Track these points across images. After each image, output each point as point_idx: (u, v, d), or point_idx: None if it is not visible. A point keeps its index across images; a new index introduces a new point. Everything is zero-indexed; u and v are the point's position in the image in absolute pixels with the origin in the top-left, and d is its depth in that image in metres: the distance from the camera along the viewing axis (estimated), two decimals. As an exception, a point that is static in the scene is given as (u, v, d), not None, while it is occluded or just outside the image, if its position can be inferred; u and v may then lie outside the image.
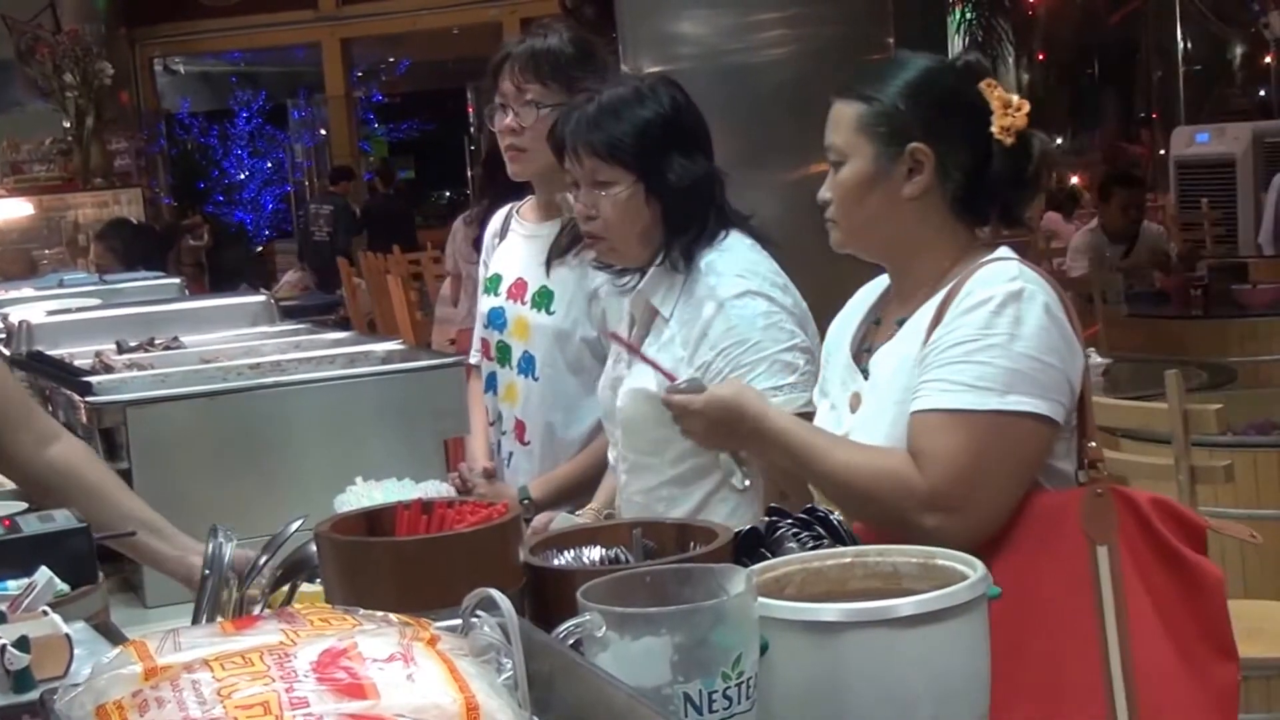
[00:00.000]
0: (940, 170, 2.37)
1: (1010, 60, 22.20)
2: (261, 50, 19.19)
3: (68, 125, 12.10)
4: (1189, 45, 19.63)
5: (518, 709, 1.25)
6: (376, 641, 1.24)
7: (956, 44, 20.05)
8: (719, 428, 2.41)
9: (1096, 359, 5.44)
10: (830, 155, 2.44)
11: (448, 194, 23.12)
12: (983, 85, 2.40)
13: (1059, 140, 21.94)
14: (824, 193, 2.45)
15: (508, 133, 3.30)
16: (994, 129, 2.37)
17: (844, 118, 2.42)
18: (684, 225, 2.89)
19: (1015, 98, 2.40)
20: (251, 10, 16.19)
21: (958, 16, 19.58)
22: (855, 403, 2.43)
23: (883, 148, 2.38)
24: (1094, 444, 2.33)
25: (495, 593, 1.34)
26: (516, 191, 3.51)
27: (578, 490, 3.22)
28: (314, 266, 14.65)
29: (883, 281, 2.57)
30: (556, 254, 3.32)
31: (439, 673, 1.22)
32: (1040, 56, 22.10)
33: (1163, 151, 16.64)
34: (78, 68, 12.00)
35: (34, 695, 1.76)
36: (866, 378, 2.43)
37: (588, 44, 3.35)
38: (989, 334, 2.26)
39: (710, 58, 5.63)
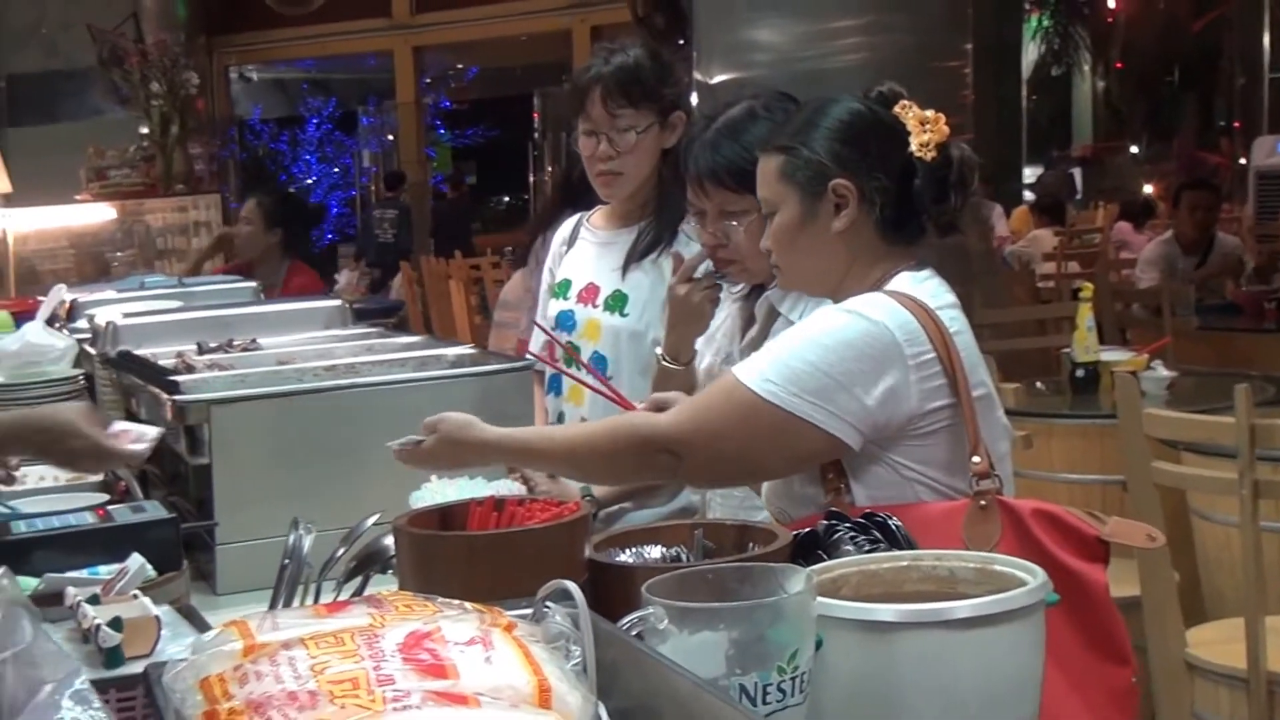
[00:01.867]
0: (865, 199, 2.48)
1: (1087, 68, 22.04)
2: (333, 58, 19.35)
3: (145, 132, 12.25)
4: (1276, 53, 19.38)
5: (585, 692, 1.33)
6: (458, 626, 1.32)
7: (1032, 51, 19.95)
8: (442, 446, 2.47)
9: (1163, 372, 5.46)
10: (765, 208, 2.56)
11: (507, 199, 23.25)
12: (897, 109, 2.52)
13: (1134, 149, 21.78)
14: (764, 242, 2.59)
15: (603, 159, 3.37)
16: (913, 147, 2.47)
17: (768, 170, 2.56)
18: None
19: (931, 113, 2.50)
20: (326, 19, 16.32)
21: (1034, 24, 19.46)
22: None
23: (806, 192, 2.50)
24: (977, 459, 2.38)
25: (569, 584, 1.43)
26: (589, 201, 3.59)
27: (645, 489, 3.27)
28: (380, 266, 14.91)
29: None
30: (634, 259, 3.40)
31: (515, 656, 1.31)
32: (1118, 65, 21.91)
33: (1243, 161, 16.51)
34: (165, 77, 12.15)
35: (124, 671, 1.87)
36: None
37: (664, 58, 3.43)
38: (789, 333, 2.44)
39: (783, 65, 5.70)
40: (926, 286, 2.49)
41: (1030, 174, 18.52)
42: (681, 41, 6.06)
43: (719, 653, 1.58)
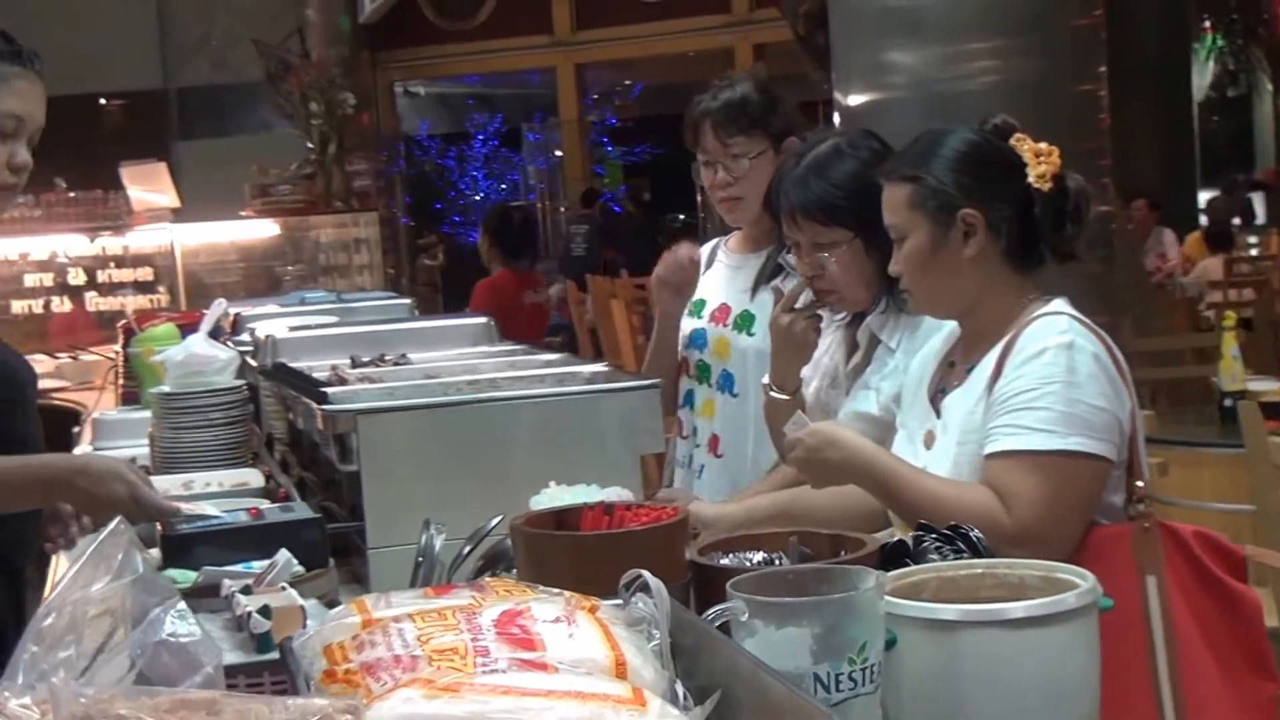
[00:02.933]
0: (991, 228, 2.62)
1: (1268, 90, 21.54)
2: (498, 74, 19.60)
3: (311, 146, 12.49)
4: None
5: (660, 669, 1.53)
6: (546, 606, 1.53)
7: (1208, 73, 19.56)
8: (816, 453, 2.65)
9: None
10: (892, 233, 2.70)
11: (681, 216, 23.37)
12: (1013, 141, 2.66)
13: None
14: (894, 266, 2.72)
15: (721, 186, 3.56)
16: (1031, 179, 2.62)
17: (896, 199, 2.69)
18: None
19: (1044, 145, 2.64)
20: (489, 36, 16.56)
21: (1207, 44, 19.09)
22: (929, 440, 2.68)
23: (936, 220, 2.64)
24: (1140, 482, 2.56)
25: (646, 574, 1.62)
26: None
27: None
28: (574, 280, 15.18)
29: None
30: (762, 280, 3.58)
31: (595, 633, 1.51)
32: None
33: None
34: (322, 97, 12.38)
35: (274, 655, 2.08)
36: (939, 417, 2.67)
37: (770, 91, 3.61)
38: (1046, 382, 2.52)
39: (919, 87, 5.79)
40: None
41: (1207, 199, 18.20)
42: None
43: (803, 647, 1.74)
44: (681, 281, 3.69)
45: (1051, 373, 2.53)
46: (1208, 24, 18.61)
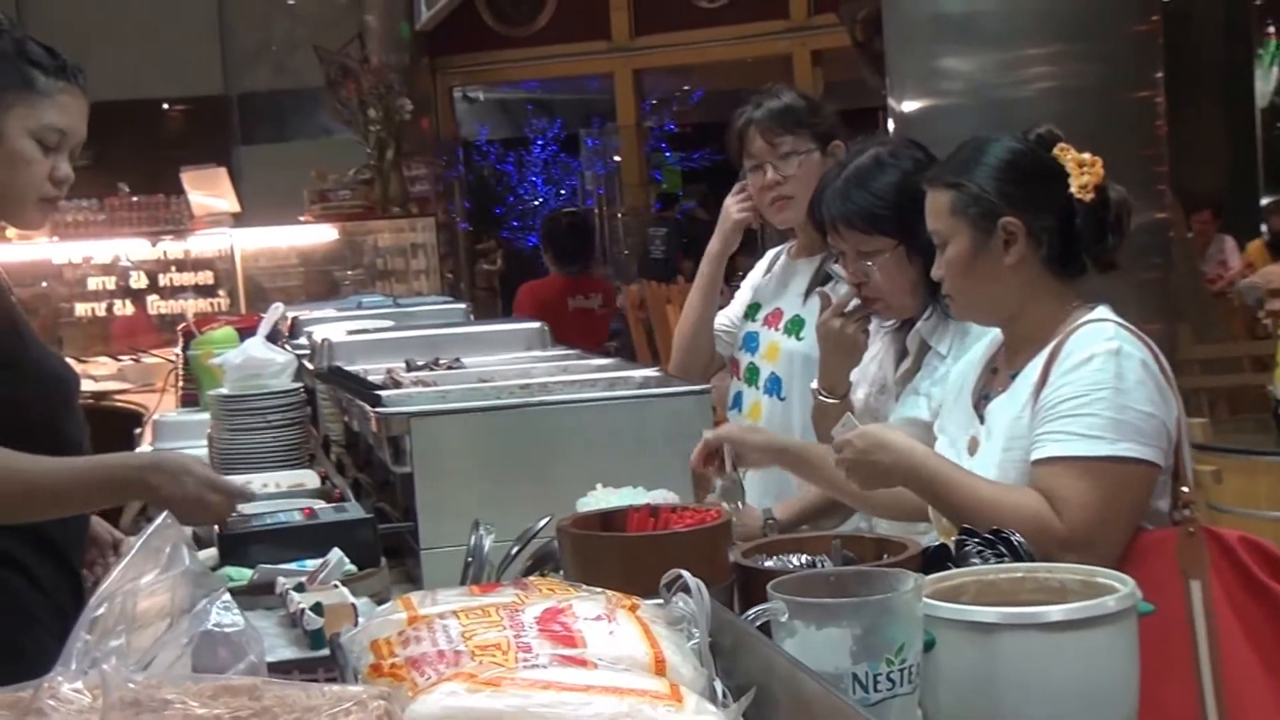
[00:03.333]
0: (1032, 237, 2.65)
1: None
2: (556, 80, 19.64)
3: (369, 151, 12.55)
4: None
5: (698, 666, 1.56)
6: (587, 604, 1.58)
7: (1273, 78, 19.36)
8: (865, 455, 2.66)
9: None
10: (934, 239, 2.73)
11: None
12: (1056, 151, 2.68)
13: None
14: (936, 271, 2.75)
15: (771, 187, 3.60)
16: (1073, 189, 2.64)
17: (939, 205, 2.72)
18: None
19: (1087, 155, 2.66)
20: (548, 41, 16.60)
21: (1271, 49, 18.89)
22: (973, 446, 2.70)
23: (978, 227, 2.66)
24: (1186, 488, 2.57)
25: (686, 574, 1.66)
26: None
27: (820, 513, 3.39)
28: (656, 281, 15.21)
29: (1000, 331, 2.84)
30: (814, 286, 3.62)
31: (635, 631, 1.55)
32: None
33: None
34: (381, 103, 12.43)
35: (326, 652, 2.13)
36: (983, 422, 2.70)
37: (812, 97, 3.66)
38: (1096, 389, 2.53)
39: (974, 93, 5.78)
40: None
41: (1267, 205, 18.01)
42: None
43: (842, 647, 1.78)
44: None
45: (1100, 379, 2.55)
46: (1271, 29, 18.42)
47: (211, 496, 2.74)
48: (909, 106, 6.07)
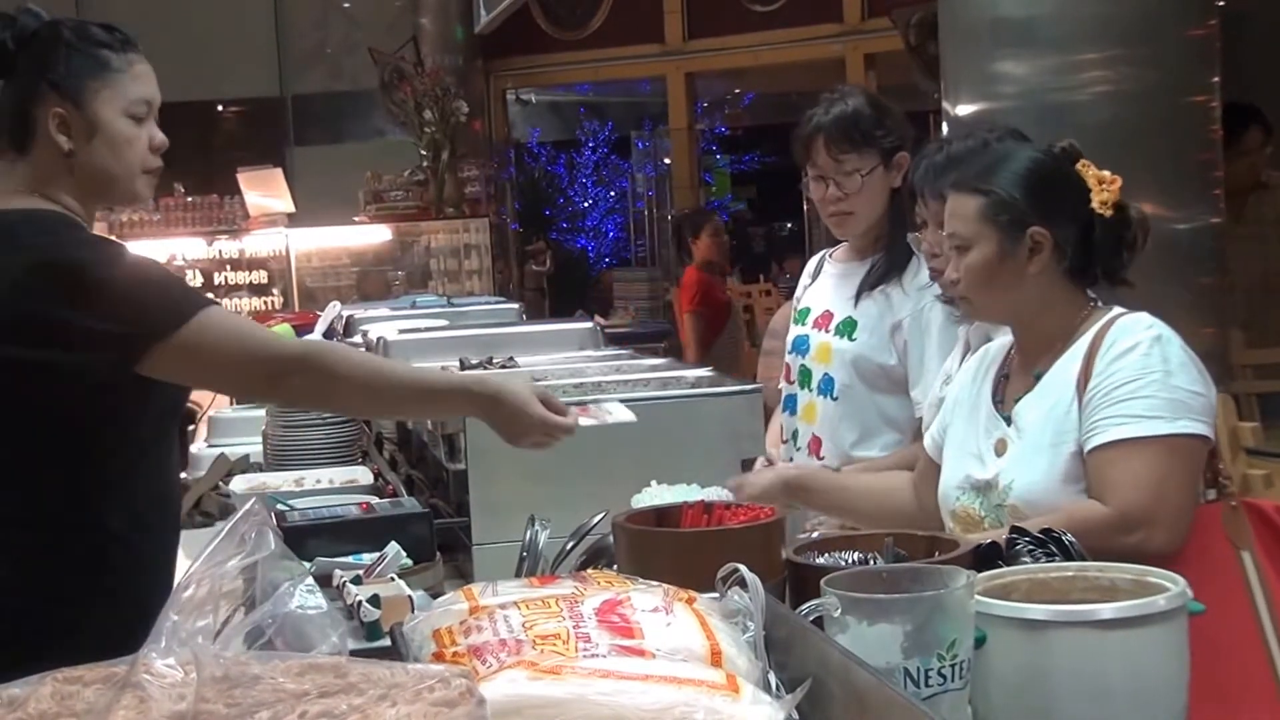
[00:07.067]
0: (1058, 247, 2.69)
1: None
2: (609, 83, 19.66)
3: (424, 153, 12.60)
4: None
5: (754, 659, 1.59)
6: (645, 597, 1.60)
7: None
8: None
9: None
10: (954, 241, 2.75)
11: (790, 225, 23.31)
12: (1079, 166, 2.72)
13: None
14: (951, 273, 2.78)
15: (832, 201, 3.62)
16: (1094, 204, 2.67)
17: (965, 209, 2.74)
18: None
19: (1106, 174, 2.70)
20: (600, 44, 16.62)
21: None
22: (1001, 447, 2.73)
23: (1005, 234, 2.70)
24: (1222, 464, 2.64)
25: (742, 568, 1.68)
26: None
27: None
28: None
29: (1003, 342, 2.89)
30: (866, 287, 3.64)
31: (693, 623, 1.58)
32: None
33: None
34: (437, 106, 12.48)
35: (384, 643, 2.16)
36: (1009, 424, 2.72)
37: (880, 104, 3.67)
38: (1146, 373, 2.59)
39: (1029, 97, 5.75)
40: None
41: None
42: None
43: (894, 643, 1.80)
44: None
45: (1149, 364, 2.61)
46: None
47: (540, 437, 2.76)
48: (963, 110, 6.06)
